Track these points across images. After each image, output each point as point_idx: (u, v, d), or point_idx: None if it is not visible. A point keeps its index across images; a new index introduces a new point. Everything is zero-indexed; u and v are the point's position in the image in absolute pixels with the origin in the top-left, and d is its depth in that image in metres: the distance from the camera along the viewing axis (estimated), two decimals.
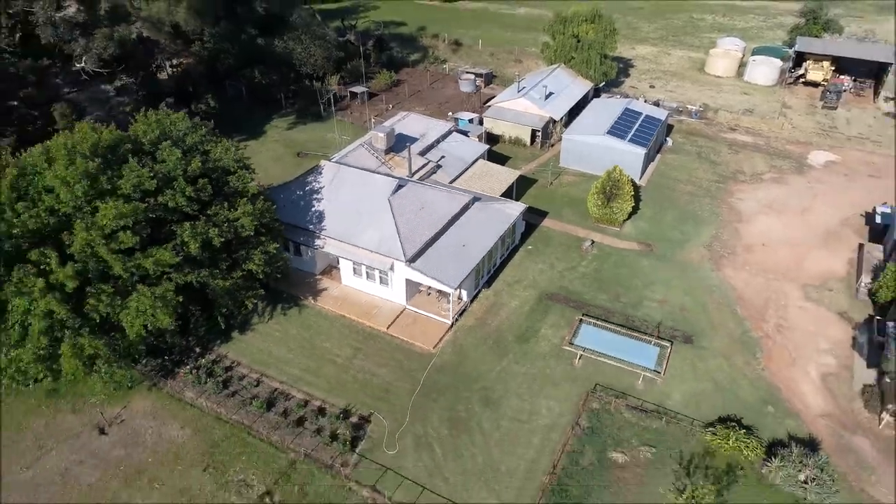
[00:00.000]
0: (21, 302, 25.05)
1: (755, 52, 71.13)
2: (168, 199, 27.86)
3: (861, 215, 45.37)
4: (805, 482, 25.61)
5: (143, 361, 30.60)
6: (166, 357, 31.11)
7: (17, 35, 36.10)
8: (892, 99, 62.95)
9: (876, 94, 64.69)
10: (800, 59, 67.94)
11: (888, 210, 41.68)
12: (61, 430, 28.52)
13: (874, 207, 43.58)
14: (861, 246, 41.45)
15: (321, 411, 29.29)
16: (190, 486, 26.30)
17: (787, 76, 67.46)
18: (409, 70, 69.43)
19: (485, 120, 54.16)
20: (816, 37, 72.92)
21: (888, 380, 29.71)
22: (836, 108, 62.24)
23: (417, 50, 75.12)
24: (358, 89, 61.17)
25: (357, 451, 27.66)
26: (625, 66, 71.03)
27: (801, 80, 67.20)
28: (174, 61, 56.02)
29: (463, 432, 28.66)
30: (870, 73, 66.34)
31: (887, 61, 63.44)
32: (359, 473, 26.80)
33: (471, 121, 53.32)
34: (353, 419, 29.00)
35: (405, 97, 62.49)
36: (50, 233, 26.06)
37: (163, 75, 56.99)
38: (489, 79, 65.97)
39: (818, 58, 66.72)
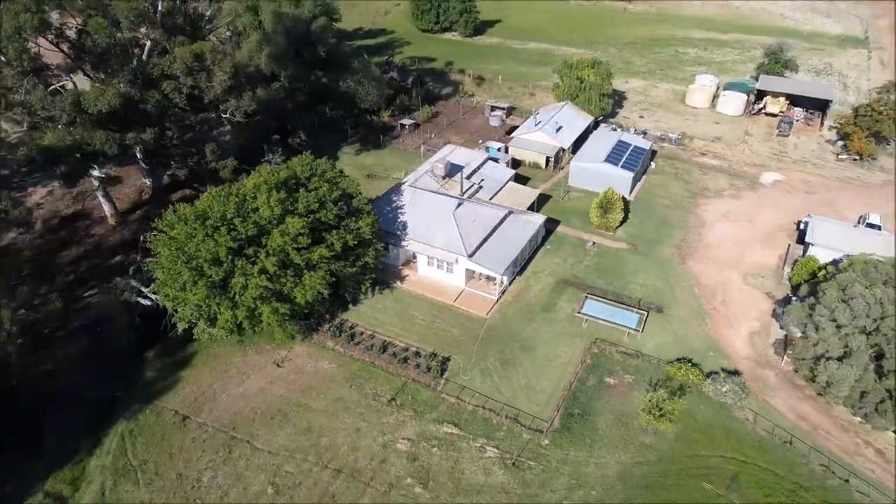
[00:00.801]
0: (240, 279, 40.62)
1: (726, 86, 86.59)
2: (322, 216, 43.47)
3: (794, 223, 61.03)
4: (726, 392, 41.31)
5: (299, 322, 46.16)
6: (311, 320, 46.69)
7: (187, 97, 51.15)
8: (834, 128, 78.52)
9: (822, 124, 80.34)
10: (762, 93, 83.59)
11: (808, 219, 57.34)
12: (252, 365, 44.19)
13: (807, 217, 59.19)
14: (789, 246, 57.20)
15: (417, 353, 44.92)
16: (342, 395, 41.97)
17: (751, 108, 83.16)
18: (444, 102, 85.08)
19: (510, 148, 69.78)
20: (778, 74, 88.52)
21: (784, 335, 45.45)
22: (788, 136, 77.90)
23: (448, 84, 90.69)
24: (406, 121, 76.86)
25: (444, 377, 43.31)
26: (619, 99, 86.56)
27: (763, 111, 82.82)
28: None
29: (510, 367, 44.30)
30: (817, 106, 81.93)
31: (828, 98, 79.18)
32: (446, 389, 42.47)
33: (499, 149, 68.99)
34: (439, 358, 44.60)
35: (444, 127, 78.15)
36: (256, 237, 41.65)
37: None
38: (510, 111, 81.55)
39: (776, 93, 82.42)
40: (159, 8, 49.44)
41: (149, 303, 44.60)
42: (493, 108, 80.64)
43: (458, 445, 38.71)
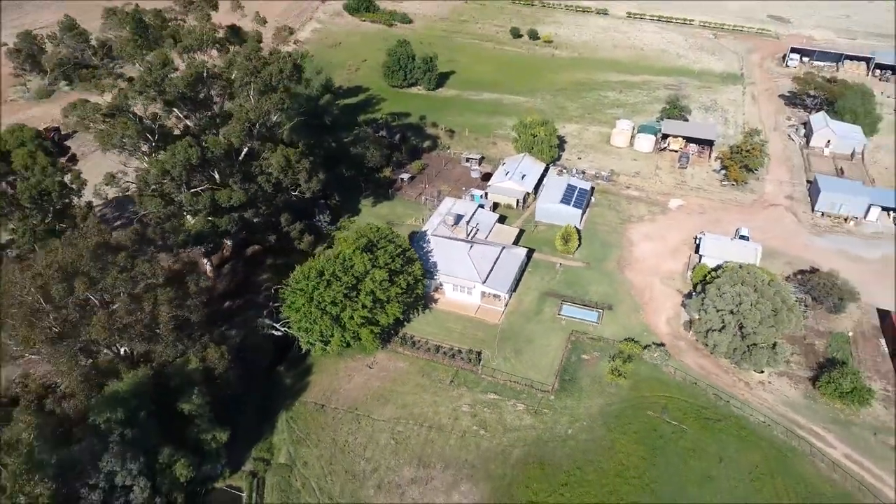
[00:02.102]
0: (349, 312, 62.46)
1: (639, 129, 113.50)
2: (392, 266, 65.81)
3: (693, 238, 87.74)
4: (656, 357, 66.67)
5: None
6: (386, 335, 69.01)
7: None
8: (718, 159, 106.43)
9: (710, 156, 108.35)
10: (665, 134, 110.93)
11: (701, 236, 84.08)
12: (352, 369, 66.09)
13: (701, 233, 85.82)
14: (689, 256, 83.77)
15: (459, 351, 67.98)
16: (418, 382, 64.53)
17: (659, 146, 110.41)
18: (427, 155, 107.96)
19: (488, 194, 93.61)
20: (677, 117, 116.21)
21: (689, 317, 71.48)
22: (686, 168, 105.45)
23: (425, 137, 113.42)
24: (404, 175, 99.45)
25: (480, 364, 66.68)
26: (560, 142, 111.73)
27: (667, 148, 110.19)
28: None
29: (520, 353, 68.10)
30: (706, 142, 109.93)
31: (713, 138, 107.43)
32: (484, 371, 65.84)
33: (481, 196, 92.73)
34: (474, 353, 67.83)
35: (433, 177, 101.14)
36: (354, 284, 63.57)
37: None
38: (481, 160, 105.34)
39: (676, 135, 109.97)
40: (256, 126, 69.99)
41: (279, 333, 65.68)
42: (467, 160, 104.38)
43: (499, 405, 62.20)
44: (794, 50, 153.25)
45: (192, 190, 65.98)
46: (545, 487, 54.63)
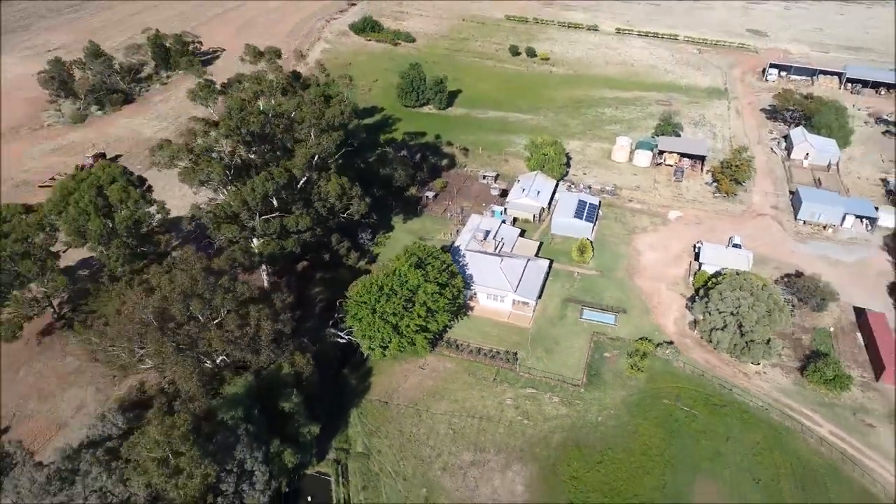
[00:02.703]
0: (406, 321, 72.26)
1: (637, 145, 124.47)
2: (441, 279, 75.71)
3: (692, 247, 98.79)
4: (667, 353, 77.47)
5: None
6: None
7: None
8: (710, 172, 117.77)
9: (702, 170, 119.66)
10: (661, 150, 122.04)
11: (700, 245, 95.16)
12: (406, 370, 75.86)
13: (699, 242, 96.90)
14: (690, 263, 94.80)
15: (497, 352, 78.11)
16: (465, 380, 74.48)
17: (655, 161, 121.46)
18: (446, 173, 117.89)
19: (507, 210, 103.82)
20: (670, 134, 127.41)
21: (693, 318, 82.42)
22: (681, 181, 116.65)
23: (443, 156, 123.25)
24: (429, 193, 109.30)
25: (517, 363, 76.89)
26: (567, 159, 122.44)
27: (663, 163, 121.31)
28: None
29: (551, 353, 78.44)
30: (698, 157, 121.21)
31: (704, 154, 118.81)
32: (521, 370, 76.06)
33: (501, 212, 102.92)
34: (511, 353, 78.02)
35: (454, 194, 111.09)
36: (409, 296, 73.36)
37: None
38: (496, 177, 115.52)
39: (670, 151, 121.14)
40: (316, 157, 79.47)
41: (343, 341, 75.31)
42: (484, 177, 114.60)
43: (537, 398, 72.49)
44: (772, 65, 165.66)
45: (263, 217, 75.30)
46: (583, 465, 65.03)
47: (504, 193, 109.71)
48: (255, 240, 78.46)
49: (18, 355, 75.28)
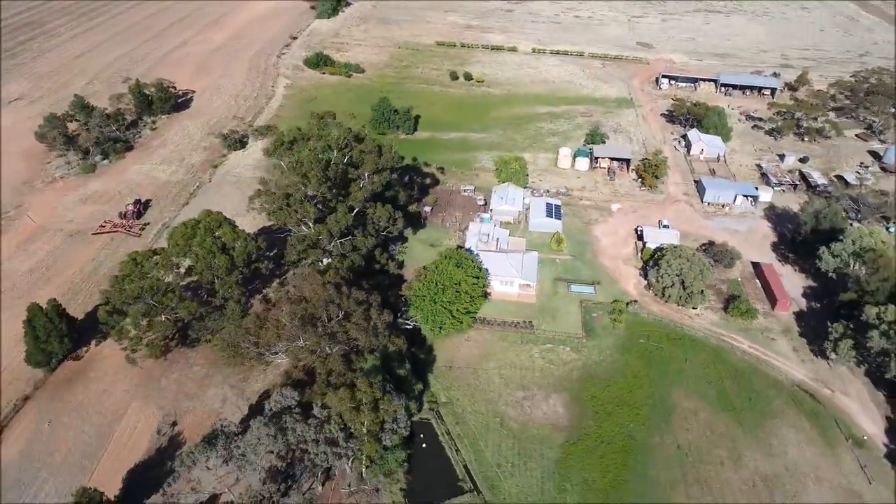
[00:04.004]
0: (457, 305, 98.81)
1: (576, 153, 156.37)
2: (474, 274, 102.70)
3: (634, 230, 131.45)
4: (636, 308, 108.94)
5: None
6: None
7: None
8: (634, 170, 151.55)
9: (629, 170, 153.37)
10: (596, 156, 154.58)
11: (641, 228, 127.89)
12: (456, 343, 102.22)
13: (638, 226, 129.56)
14: (635, 243, 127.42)
15: (518, 322, 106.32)
16: (501, 345, 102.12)
17: (592, 165, 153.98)
18: (433, 189, 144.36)
19: (493, 216, 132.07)
20: (600, 142, 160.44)
21: (647, 282, 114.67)
22: (614, 180, 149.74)
23: (424, 176, 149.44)
24: (427, 208, 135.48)
25: (533, 329, 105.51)
26: (518, 170, 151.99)
27: (598, 167, 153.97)
28: None
29: (555, 319, 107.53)
30: (625, 160, 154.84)
31: (629, 157, 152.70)
32: (537, 332, 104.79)
33: (489, 218, 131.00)
34: (528, 322, 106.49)
35: (444, 207, 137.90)
36: (456, 288, 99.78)
37: None
38: (474, 191, 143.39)
39: (603, 156, 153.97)
40: (367, 184, 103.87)
41: (409, 327, 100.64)
42: (464, 190, 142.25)
43: (555, 350, 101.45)
44: (663, 76, 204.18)
45: (340, 240, 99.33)
46: (597, 388, 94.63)
47: (485, 203, 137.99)
48: (323, 260, 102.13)
49: (153, 369, 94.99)
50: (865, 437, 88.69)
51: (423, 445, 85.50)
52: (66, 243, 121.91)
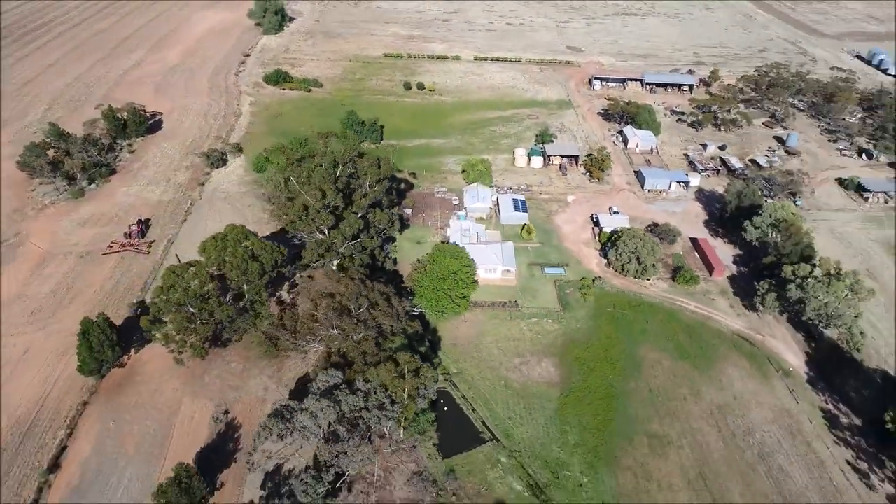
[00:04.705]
0: (457, 290, 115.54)
1: (530, 153, 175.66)
2: (467, 264, 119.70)
3: (590, 217, 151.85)
4: (601, 283, 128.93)
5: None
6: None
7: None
8: (583, 165, 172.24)
9: (577, 165, 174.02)
10: (548, 155, 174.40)
11: (596, 215, 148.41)
12: (454, 324, 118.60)
13: (593, 214, 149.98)
14: (593, 228, 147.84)
15: (505, 303, 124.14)
16: (493, 322, 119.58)
17: (546, 163, 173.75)
18: (409, 193, 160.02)
19: (468, 213, 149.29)
20: (549, 142, 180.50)
21: (607, 261, 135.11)
22: (566, 175, 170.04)
23: (399, 181, 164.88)
24: (407, 210, 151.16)
25: (519, 306, 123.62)
26: (484, 171, 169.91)
27: (551, 164, 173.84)
28: None
29: (535, 297, 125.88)
30: (574, 156, 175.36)
31: (577, 154, 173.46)
32: (522, 309, 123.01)
33: (464, 216, 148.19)
34: (513, 301, 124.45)
35: (423, 208, 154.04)
36: (453, 276, 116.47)
37: None
38: (447, 191, 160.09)
39: (555, 154, 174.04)
40: (370, 192, 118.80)
41: (415, 313, 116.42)
42: (437, 192, 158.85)
43: (539, 323, 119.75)
44: (595, 78, 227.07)
45: (351, 242, 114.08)
46: (579, 350, 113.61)
47: (459, 202, 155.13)
48: (334, 261, 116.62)
49: (195, 369, 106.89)
50: (791, 369, 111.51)
51: (445, 409, 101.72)
52: (79, 265, 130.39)
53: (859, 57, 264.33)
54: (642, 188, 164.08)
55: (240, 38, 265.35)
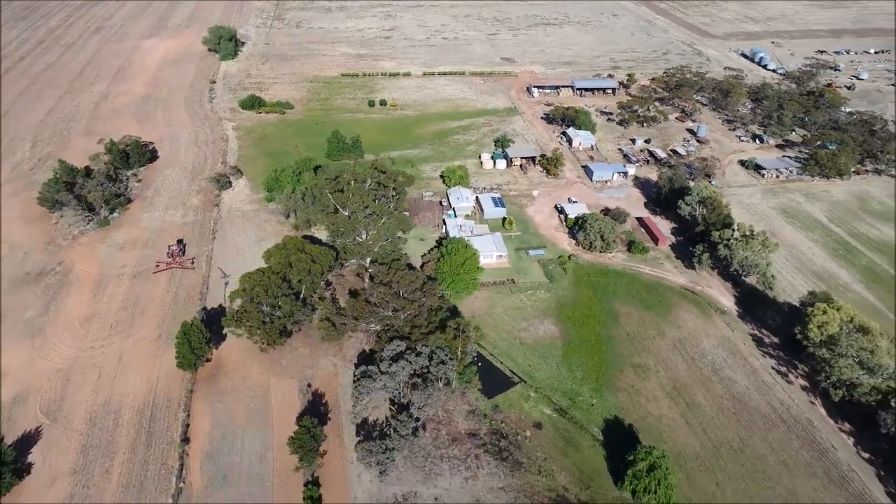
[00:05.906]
0: (465, 278, 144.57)
1: (494, 156, 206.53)
2: (472, 261, 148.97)
3: (555, 207, 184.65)
4: (576, 259, 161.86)
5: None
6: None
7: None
8: (540, 164, 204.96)
9: (534, 164, 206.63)
10: (510, 157, 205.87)
11: (560, 205, 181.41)
12: (469, 300, 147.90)
13: (557, 204, 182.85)
14: (559, 216, 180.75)
15: (504, 281, 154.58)
16: (498, 297, 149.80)
17: (510, 164, 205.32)
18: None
19: (456, 212, 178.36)
20: (508, 146, 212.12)
21: (577, 241, 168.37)
22: (527, 173, 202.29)
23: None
24: (405, 213, 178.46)
25: (515, 283, 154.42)
26: (462, 175, 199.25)
27: (513, 165, 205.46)
28: None
29: (527, 275, 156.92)
30: (532, 157, 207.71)
31: (534, 155, 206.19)
32: (519, 284, 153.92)
33: (454, 214, 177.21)
34: (511, 279, 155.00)
35: (416, 210, 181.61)
36: (465, 263, 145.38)
37: None
38: (434, 194, 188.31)
39: (517, 156, 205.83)
40: (394, 201, 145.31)
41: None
42: (424, 196, 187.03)
43: (535, 293, 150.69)
44: (533, 86, 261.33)
45: (383, 242, 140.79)
46: (569, 311, 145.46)
47: (448, 204, 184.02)
48: (367, 259, 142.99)
49: (271, 356, 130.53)
50: (725, 309, 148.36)
51: (479, 364, 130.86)
52: (135, 284, 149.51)
53: (744, 55, 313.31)
54: (591, 180, 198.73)
55: (198, 66, 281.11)
